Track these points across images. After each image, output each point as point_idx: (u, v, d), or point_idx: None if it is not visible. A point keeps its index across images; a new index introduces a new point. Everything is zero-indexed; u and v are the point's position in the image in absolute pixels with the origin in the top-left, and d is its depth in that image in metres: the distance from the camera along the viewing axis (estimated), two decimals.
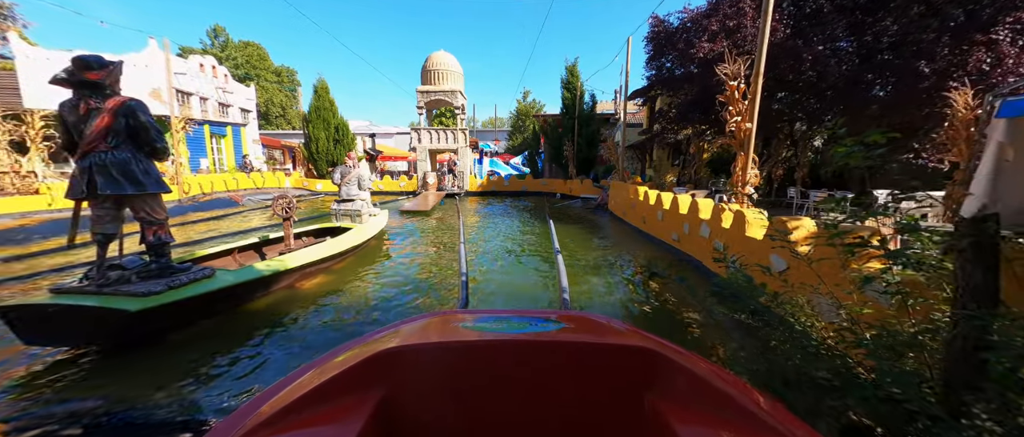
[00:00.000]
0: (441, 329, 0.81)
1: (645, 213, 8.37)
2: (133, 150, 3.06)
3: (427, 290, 4.98)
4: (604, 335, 0.80)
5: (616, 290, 4.88)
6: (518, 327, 0.77)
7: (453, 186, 17.99)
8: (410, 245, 7.84)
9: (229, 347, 3.29)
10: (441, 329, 0.81)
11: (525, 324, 0.79)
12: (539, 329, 0.77)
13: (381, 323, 3.95)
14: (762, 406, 0.61)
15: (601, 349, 0.73)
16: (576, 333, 0.79)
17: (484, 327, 0.78)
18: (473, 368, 0.69)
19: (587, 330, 0.83)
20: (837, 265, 2.03)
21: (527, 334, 0.74)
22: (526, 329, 0.76)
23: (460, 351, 0.71)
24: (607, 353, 0.72)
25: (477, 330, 0.77)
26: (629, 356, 0.72)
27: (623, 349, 0.73)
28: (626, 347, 0.73)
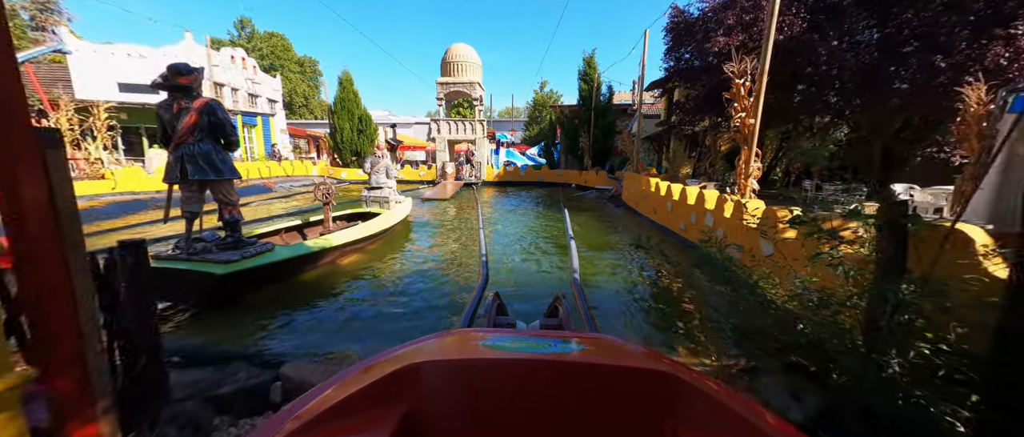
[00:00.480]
0: (461, 347, 0.82)
1: (656, 204, 8.69)
2: (214, 142, 3.68)
3: (448, 269, 5.55)
4: (624, 358, 0.78)
5: (621, 272, 5.32)
6: (537, 347, 0.77)
7: (471, 176, 18.54)
8: (432, 230, 8.44)
9: (289, 308, 3.94)
10: (461, 347, 0.82)
11: (544, 344, 0.79)
12: (558, 350, 0.76)
13: (410, 295, 4.54)
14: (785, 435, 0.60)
15: (621, 372, 0.71)
16: (595, 355, 0.78)
17: (503, 345, 0.78)
18: (492, 387, 0.69)
19: (607, 352, 0.83)
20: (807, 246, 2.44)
21: (546, 354, 0.73)
22: (545, 349, 0.76)
23: (480, 369, 0.71)
24: (627, 376, 0.71)
25: (496, 349, 0.77)
26: (649, 380, 0.70)
27: (643, 373, 0.71)
28: (646, 371, 0.71)
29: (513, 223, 9.30)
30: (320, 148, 27.33)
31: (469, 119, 19.24)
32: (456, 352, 0.77)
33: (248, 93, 24.44)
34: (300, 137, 28.98)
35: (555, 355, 0.73)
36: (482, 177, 18.70)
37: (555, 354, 0.74)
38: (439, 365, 0.71)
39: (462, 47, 18.88)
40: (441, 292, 4.64)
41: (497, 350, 0.76)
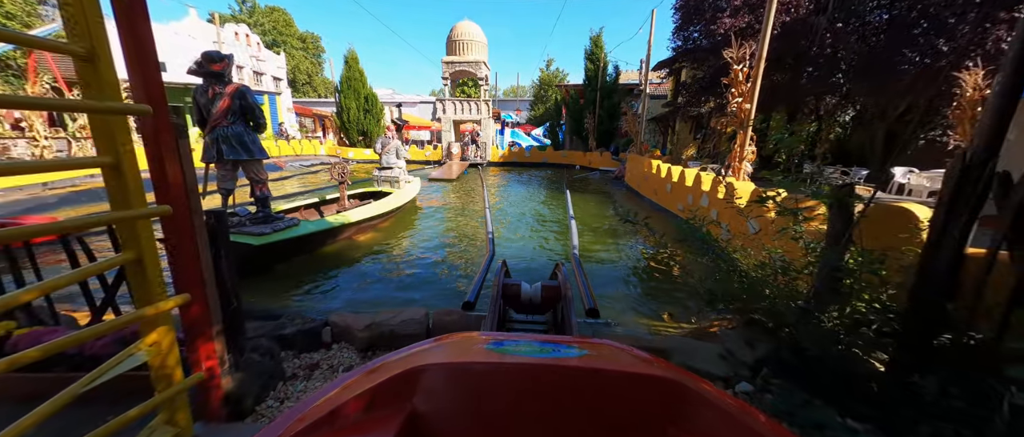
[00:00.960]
0: (465, 350, 0.82)
1: (656, 185, 8.96)
2: (244, 125, 4.01)
3: (455, 244, 5.94)
4: (628, 364, 0.78)
5: (617, 248, 5.69)
6: (541, 352, 0.78)
7: (476, 156, 18.74)
8: (439, 209, 8.81)
9: (314, 277, 4.37)
10: (465, 350, 0.82)
11: (548, 349, 0.80)
12: (562, 355, 0.77)
13: (423, 266, 4.95)
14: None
15: (624, 378, 0.71)
16: (599, 361, 0.78)
17: (507, 350, 0.79)
18: (496, 391, 0.69)
19: (610, 358, 0.83)
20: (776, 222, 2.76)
21: (549, 359, 0.74)
22: (549, 354, 0.77)
23: (484, 374, 0.71)
24: (630, 382, 0.71)
25: (500, 353, 0.78)
26: (653, 386, 0.70)
27: (647, 379, 0.71)
28: (650, 377, 0.71)
29: (518, 203, 9.63)
30: (326, 127, 27.48)
31: (474, 99, 19.26)
32: (460, 356, 0.78)
33: (252, 71, 24.45)
34: (306, 116, 29.10)
35: (559, 360, 0.74)
36: (487, 158, 18.90)
37: (559, 359, 0.75)
38: (443, 368, 0.71)
39: (468, 25, 18.69)
40: (449, 264, 5.05)
41: (501, 354, 0.77)
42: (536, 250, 5.88)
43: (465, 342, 0.88)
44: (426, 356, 0.75)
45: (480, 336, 0.94)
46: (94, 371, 1.13)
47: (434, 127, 25.98)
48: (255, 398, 1.68)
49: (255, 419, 1.62)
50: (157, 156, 1.27)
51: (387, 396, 0.67)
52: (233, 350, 1.65)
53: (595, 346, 0.90)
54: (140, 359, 1.25)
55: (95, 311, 1.98)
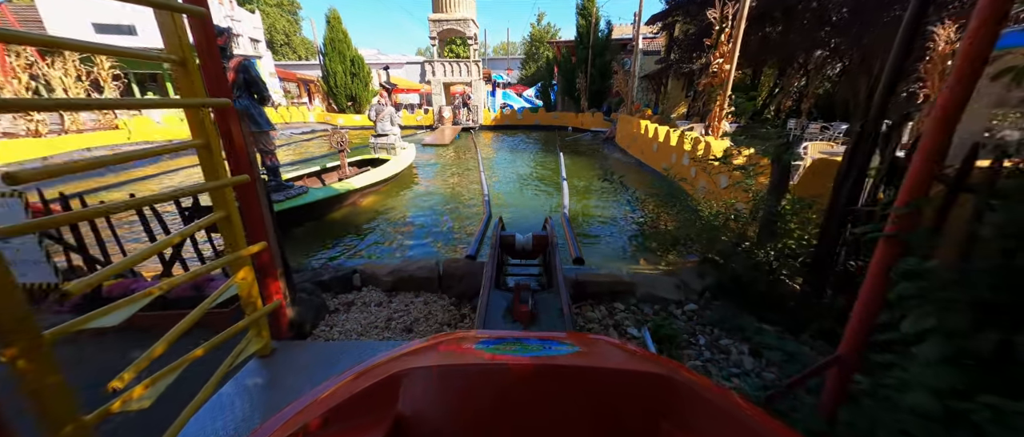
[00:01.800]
0: (454, 351, 0.81)
1: (644, 146, 9.28)
2: (250, 98, 4.22)
3: (452, 207, 6.35)
4: (619, 360, 0.79)
5: (602, 205, 6.15)
6: (531, 350, 0.78)
7: (468, 120, 18.64)
8: (435, 174, 9.12)
9: (325, 241, 4.80)
10: (454, 351, 0.81)
11: (539, 347, 0.79)
12: (553, 353, 0.77)
13: (424, 227, 5.38)
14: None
15: (616, 374, 0.71)
16: (590, 358, 0.78)
17: (497, 349, 0.79)
18: (485, 391, 0.68)
19: (602, 354, 0.83)
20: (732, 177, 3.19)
21: (540, 357, 0.73)
22: (539, 352, 0.76)
23: (473, 374, 0.70)
24: (622, 379, 0.70)
25: (490, 352, 0.77)
26: (645, 382, 0.69)
27: (639, 375, 0.71)
28: (642, 373, 0.71)
29: (511, 167, 9.93)
30: (311, 92, 26.67)
31: (464, 60, 18.79)
32: (449, 356, 0.76)
33: None
34: (290, 81, 28.11)
35: (549, 358, 0.73)
36: (479, 121, 18.81)
37: (549, 357, 0.74)
38: (431, 371, 0.70)
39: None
40: (449, 222, 5.50)
41: (491, 353, 0.76)
42: (529, 209, 6.32)
43: (453, 343, 0.86)
44: (413, 359, 0.74)
45: (468, 336, 0.93)
46: (206, 301, 1.56)
47: (423, 90, 25.38)
48: (311, 324, 2.16)
49: (313, 339, 2.11)
50: (228, 136, 1.63)
51: (373, 401, 0.65)
52: (290, 288, 2.10)
53: (586, 342, 0.89)
54: (234, 291, 1.69)
55: (166, 263, 2.40)
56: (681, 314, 2.37)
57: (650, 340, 2.06)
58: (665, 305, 2.46)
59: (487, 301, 1.99)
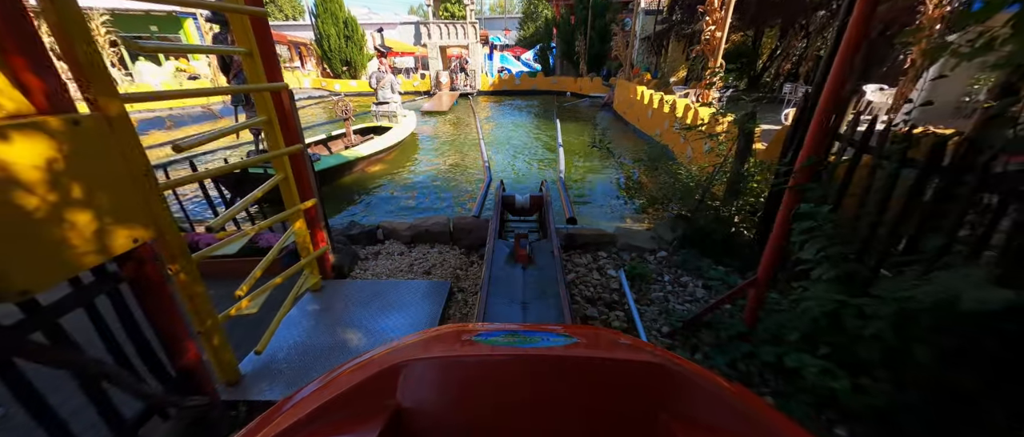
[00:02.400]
0: (452, 343, 0.80)
1: (640, 112, 9.48)
2: None
3: (454, 172, 6.72)
4: (616, 351, 0.77)
5: (600, 173, 6.53)
6: (528, 341, 0.77)
7: (465, 85, 18.44)
8: (435, 141, 9.37)
9: (340, 206, 5.22)
10: (452, 343, 0.80)
11: (536, 339, 0.78)
12: (550, 344, 0.75)
13: (429, 190, 5.78)
14: (782, 426, 0.61)
15: (613, 365, 0.70)
16: (587, 348, 0.77)
17: (495, 341, 0.78)
18: (483, 383, 0.68)
19: (599, 345, 0.83)
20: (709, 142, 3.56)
21: (537, 349, 0.72)
22: (537, 344, 0.75)
23: (470, 366, 0.69)
24: (619, 369, 0.69)
25: (488, 344, 0.76)
26: (642, 372, 0.69)
27: (636, 365, 0.70)
28: (639, 363, 0.70)
29: (509, 134, 10.16)
30: (303, 56, 25.92)
31: (461, 21, 18.25)
32: (447, 348, 0.77)
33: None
34: (281, 43, 27.15)
35: (547, 349, 0.73)
36: (477, 87, 18.61)
37: (547, 348, 0.74)
38: (429, 362, 0.71)
39: None
40: (453, 186, 5.90)
41: (489, 345, 0.77)
42: (526, 174, 6.70)
43: (450, 335, 0.87)
44: (410, 351, 0.74)
45: (465, 327, 0.94)
46: (279, 242, 2.01)
47: (418, 52, 24.70)
48: (348, 267, 2.63)
49: (352, 278, 2.59)
50: (282, 114, 2.00)
51: (373, 392, 0.66)
52: (330, 239, 2.55)
53: (582, 333, 0.90)
54: (292, 238, 2.13)
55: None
56: (653, 260, 2.85)
57: (625, 279, 2.54)
58: (641, 253, 2.94)
59: (493, 247, 2.44)
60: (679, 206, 3.37)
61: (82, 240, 1.03)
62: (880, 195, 1.78)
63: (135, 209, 1.17)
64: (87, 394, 1.15)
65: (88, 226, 1.04)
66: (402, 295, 2.32)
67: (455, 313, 2.26)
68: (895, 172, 1.72)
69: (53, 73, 1.01)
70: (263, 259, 1.79)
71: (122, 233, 1.13)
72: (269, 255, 1.84)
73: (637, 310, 2.22)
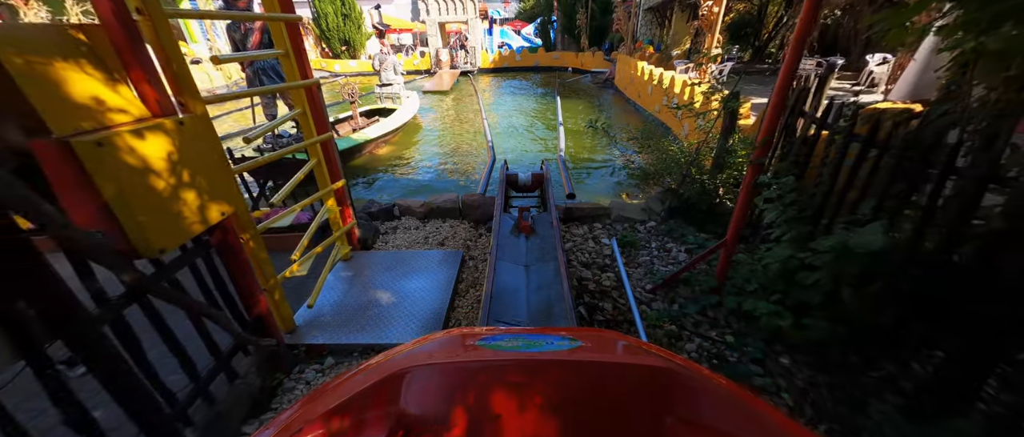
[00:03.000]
0: (456, 348, 0.80)
1: (640, 88, 9.55)
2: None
3: (460, 154, 6.97)
4: (621, 354, 0.77)
5: (597, 151, 6.75)
6: (533, 345, 0.77)
7: (465, 63, 18.27)
8: (439, 122, 9.55)
9: (354, 188, 5.53)
10: (456, 348, 0.80)
11: (540, 343, 0.78)
12: (554, 347, 0.76)
13: (437, 170, 6.07)
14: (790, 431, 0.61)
15: (618, 369, 0.70)
16: (592, 352, 0.78)
17: (498, 345, 0.78)
18: (488, 388, 0.67)
19: (603, 349, 0.83)
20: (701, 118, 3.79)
21: (542, 353, 0.73)
22: (541, 348, 0.75)
23: (475, 371, 0.69)
24: (624, 373, 0.69)
25: (492, 348, 0.77)
26: (648, 376, 0.68)
27: (641, 369, 0.70)
28: (645, 367, 0.70)
29: (511, 113, 10.28)
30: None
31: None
32: (451, 353, 0.75)
33: None
34: None
35: (552, 353, 0.73)
36: (478, 64, 18.44)
37: (552, 353, 0.73)
38: (431, 369, 0.70)
39: None
40: (458, 167, 6.18)
41: (493, 350, 0.76)
42: (528, 151, 6.95)
43: (453, 340, 0.88)
44: (414, 357, 0.74)
45: (469, 332, 0.95)
46: (315, 221, 2.34)
47: (416, 29, 24.25)
48: (372, 240, 2.98)
49: (375, 249, 2.94)
50: (314, 106, 2.28)
51: (377, 398, 0.66)
52: (355, 215, 2.88)
53: (588, 336, 0.89)
54: (325, 215, 2.46)
55: (255, 199, 3.18)
56: (643, 229, 3.16)
57: (616, 247, 2.87)
58: (632, 223, 3.25)
59: (499, 220, 2.76)
60: (669, 180, 3.65)
61: (191, 213, 1.36)
62: (832, 166, 2.06)
63: (220, 189, 1.49)
64: (195, 327, 1.52)
65: (194, 202, 1.37)
66: (421, 263, 2.67)
67: (467, 277, 2.61)
68: (843, 145, 2.00)
69: (160, 84, 1.31)
70: (307, 231, 2.13)
71: (214, 208, 1.46)
72: (312, 227, 2.18)
73: (626, 272, 2.55)
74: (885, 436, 1.46)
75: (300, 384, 1.83)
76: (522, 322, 1.88)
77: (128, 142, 1.15)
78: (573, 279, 2.46)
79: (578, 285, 2.44)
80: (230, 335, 1.62)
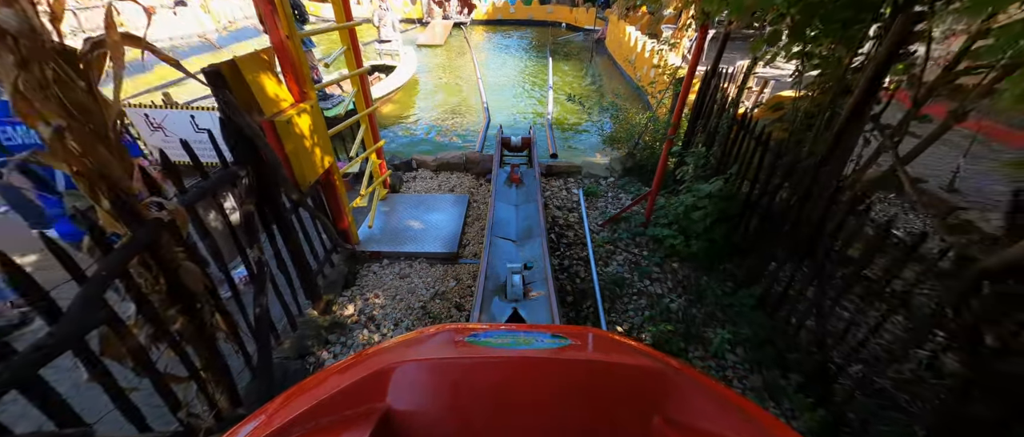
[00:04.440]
0: (446, 344, 0.80)
1: (627, 53, 10.10)
2: None
3: (458, 112, 7.67)
4: (612, 353, 0.77)
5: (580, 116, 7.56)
6: (523, 343, 0.76)
7: (459, 14, 17.94)
8: (435, 79, 10.02)
9: None
10: (446, 344, 0.80)
11: (531, 340, 0.77)
12: (545, 345, 0.75)
13: (437, 126, 6.83)
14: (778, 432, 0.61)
15: (609, 368, 0.70)
16: (583, 351, 0.78)
17: (489, 342, 0.77)
18: (476, 385, 0.67)
19: (595, 347, 0.83)
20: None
21: (533, 351, 0.72)
22: (532, 345, 0.75)
23: (464, 368, 0.68)
24: (615, 372, 0.69)
25: (482, 345, 0.76)
26: (639, 375, 0.68)
27: (632, 368, 0.69)
28: (635, 366, 0.69)
29: (503, 70, 10.75)
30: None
31: None
32: (439, 350, 0.75)
33: None
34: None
35: (541, 351, 0.72)
36: (470, 16, 18.12)
37: (541, 350, 0.73)
38: (418, 365, 0.69)
39: None
40: (458, 124, 6.96)
41: (482, 347, 0.75)
42: (519, 114, 7.71)
43: (442, 336, 0.86)
44: (404, 352, 0.73)
45: (461, 328, 0.93)
46: (367, 170, 3.25)
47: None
48: (398, 186, 3.93)
49: (402, 193, 3.89)
50: (364, 87, 3.09)
51: (362, 394, 0.64)
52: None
53: (578, 333, 0.89)
54: (369, 167, 3.37)
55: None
56: (604, 183, 4.17)
57: (582, 195, 3.88)
58: (597, 179, 4.24)
59: (496, 172, 3.70)
60: (628, 146, 4.61)
61: (317, 161, 2.28)
62: (721, 142, 3.05)
63: (325, 146, 2.40)
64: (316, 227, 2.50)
65: (319, 154, 2.29)
66: (438, 203, 3.65)
67: (473, 213, 3.60)
68: (727, 127, 2.98)
69: (294, 82, 2.17)
70: (364, 176, 3.06)
71: (326, 159, 2.38)
72: (366, 174, 3.10)
73: (586, 213, 3.59)
74: (718, 299, 2.58)
75: (369, 273, 2.87)
76: (511, 238, 2.92)
77: (293, 118, 2.04)
78: (548, 216, 3.48)
79: (552, 220, 3.48)
80: (330, 239, 2.61)
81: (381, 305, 2.60)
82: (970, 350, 1.31)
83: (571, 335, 0.84)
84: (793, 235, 2.21)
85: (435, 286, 2.77)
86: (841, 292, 1.88)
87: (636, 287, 2.77)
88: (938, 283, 1.49)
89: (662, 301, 2.63)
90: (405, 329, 2.44)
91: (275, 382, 1.84)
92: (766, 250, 2.47)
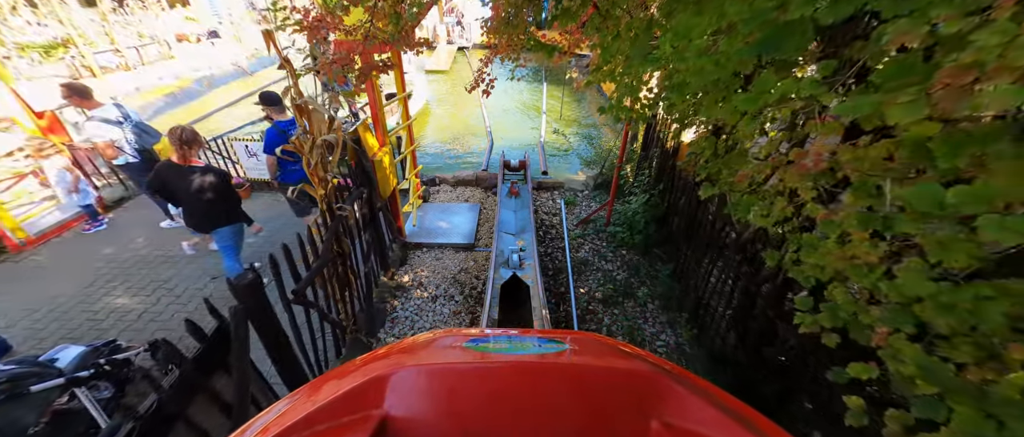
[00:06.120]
0: (443, 350, 0.81)
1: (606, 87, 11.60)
2: None
3: (466, 136, 9.07)
4: (610, 358, 0.78)
5: (567, 139, 8.96)
6: (521, 348, 0.78)
7: (461, 38, 19.54)
8: (442, 105, 11.46)
9: None
10: (443, 350, 0.81)
11: (529, 345, 0.79)
12: (543, 351, 0.76)
13: (447, 148, 8.21)
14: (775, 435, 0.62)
15: (607, 373, 0.71)
16: (581, 356, 0.78)
17: (486, 348, 0.78)
18: (474, 391, 0.67)
19: (593, 352, 0.83)
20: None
21: (530, 356, 0.73)
22: (530, 350, 0.76)
23: (462, 374, 0.69)
24: (613, 377, 0.70)
25: (480, 351, 0.77)
26: (635, 380, 0.69)
27: (630, 373, 0.71)
28: (633, 371, 0.71)
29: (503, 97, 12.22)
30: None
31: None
32: (436, 356, 0.76)
33: None
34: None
35: (538, 357, 0.73)
36: (472, 40, 19.73)
37: (538, 356, 0.74)
38: (419, 370, 0.70)
39: None
40: (467, 148, 8.34)
41: (479, 353, 0.77)
42: (516, 139, 9.13)
43: (441, 341, 0.87)
44: (402, 358, 0.73)
45: (458, 333, 0.94)
46: (411, 189, 4.62)
47: None
48: (427, 197, 5.30)
49: (430, 202, 5.25)
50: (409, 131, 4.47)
51: (359, 401, 0.64)
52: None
53: (577, 340, 0.90)
54: (410, 185, 4.74)
55: None
56: (581, 195, 5.54)
57: (563, 204, 5.24)
58: (575, 192, 5.62)
59: (500, 186, 5.07)
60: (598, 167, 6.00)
61: (390, 184, 3.65)
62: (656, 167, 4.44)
63: (394, 173, 3.77)
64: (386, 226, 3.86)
65: (391, 180, 3.66)
66: (458, 210, 5.01)
67: (483, 217, 4.95)
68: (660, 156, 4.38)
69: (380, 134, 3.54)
70: (409, 192, 4.43)
71: (393, 181, 3.75)
72: (410, 191, 4.47)
73: (566, 216, 4.95)
74: (647, 272, 3.92)
75: (415, 256, 4.20)
76: (511, 232, 4.26)
77: (382, 160, 3.41)
78: (537, 219, 4.84)
79: (540, 221, 4.83)
80: (391, 232, 3.96)
81: (426, 276, 3.93)
82: (744, 277, 2.65)
83: (568, 340, 0.84)
84: (687, 229, 3.56)
85: (460, 265, 4.10)
86: (702, 259, 3.23)
87: (596, 266, 4.11)
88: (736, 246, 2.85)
89: (611, 274, 3.97)
90: (442, 290, 3.76)
91: (374, 313, 3.17)
92: (677, 239, 3.83)
